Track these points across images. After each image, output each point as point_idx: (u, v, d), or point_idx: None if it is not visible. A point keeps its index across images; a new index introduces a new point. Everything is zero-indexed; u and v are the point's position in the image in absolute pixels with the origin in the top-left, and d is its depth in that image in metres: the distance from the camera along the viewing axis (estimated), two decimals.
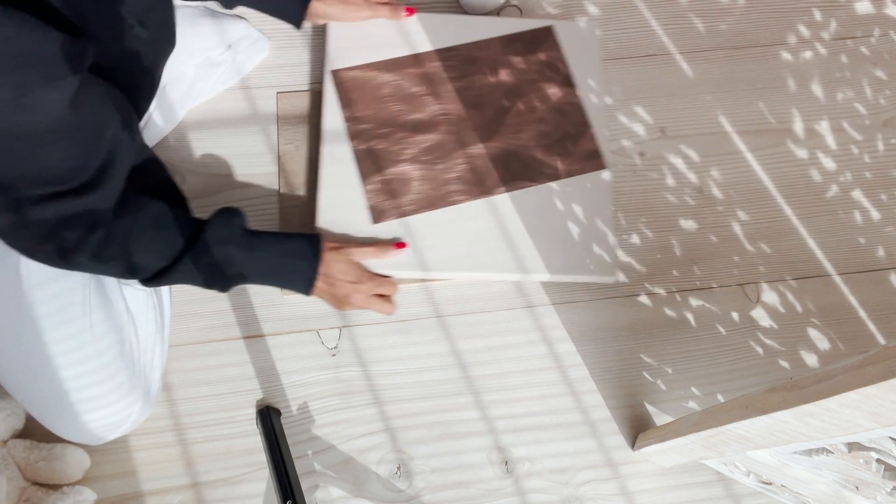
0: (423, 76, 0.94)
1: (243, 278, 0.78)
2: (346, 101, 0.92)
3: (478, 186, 0.89)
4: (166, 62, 0.79)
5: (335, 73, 0.94)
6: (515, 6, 1.07)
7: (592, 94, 0.96)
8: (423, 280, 0.89)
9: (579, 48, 0.98)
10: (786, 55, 1.05)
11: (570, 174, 0.91)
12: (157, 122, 0.93)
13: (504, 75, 0.95)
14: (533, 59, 0.96)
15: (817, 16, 1.08)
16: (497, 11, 1.06)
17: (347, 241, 0.85)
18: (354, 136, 0.90)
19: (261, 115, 0.98)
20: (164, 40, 0.73)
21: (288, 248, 0.79)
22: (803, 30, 1.07)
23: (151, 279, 0.73)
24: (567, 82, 0.96)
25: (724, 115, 1.01)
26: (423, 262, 0.86)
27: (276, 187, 0.93)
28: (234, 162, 0.95)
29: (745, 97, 1.02)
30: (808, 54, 1.05)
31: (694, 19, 1.08)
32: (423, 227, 0.87)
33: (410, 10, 0.96)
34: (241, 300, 0.88)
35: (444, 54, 0.95)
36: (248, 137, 0.96)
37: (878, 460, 0.51)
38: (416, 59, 0.95)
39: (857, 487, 0.57)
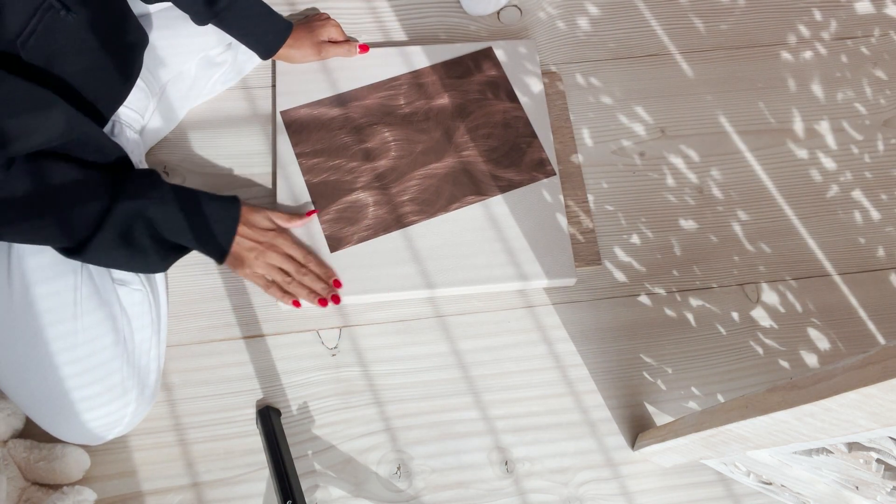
0: (371, 107, 0.96)
1: (155, 225, 0.76)
2: (296, 139, 0.94)
3: (431, 206, 0.91)
4: (136, 54, 0.79)
5: (284, 113, 0.96)
6: (515, 6, 1.07)
7: (536, 107, 0.97)
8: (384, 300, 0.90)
9: (520, 64, 1.00)
10: (786, 55, 1.05)
11: (520, 184, 0.92)
12: (157, 122, 0.93)
13: (449, 97, 0.97)
14: (476, 80, 0.99)
15: (817, 16, 1.08)
16: (497, 12, 1.07)
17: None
18: (306, 171, 0.92)
19: (261, 115, 0.98)
20: (106, 24, 0.72)
21: (207, 195, 0.80)
22: (803, 30, 1.07)
23: (75, 249, 0.72)
24: (511, 97, 0.98)
25: (724, 115, 1.01)
26: (382, 284, 0.87)
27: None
28: (233, 162, 0.95)
29: (745, 97, 1.02)
30: (808, 54, 1.05)
31: (694, 19, 1.08)
32: (380, 250, 0.88)
33: (364, 48, 0.99)
34: (241, 300, 0.88)
35: (390, 84, 0.98)
36: (247, 137, 0.96)
37: (878, 460, 0.51)
38: (363, 92, 0.97)
39: (857, 487, 0.57)
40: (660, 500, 0.82)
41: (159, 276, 0.83)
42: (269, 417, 0.81)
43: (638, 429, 0.85)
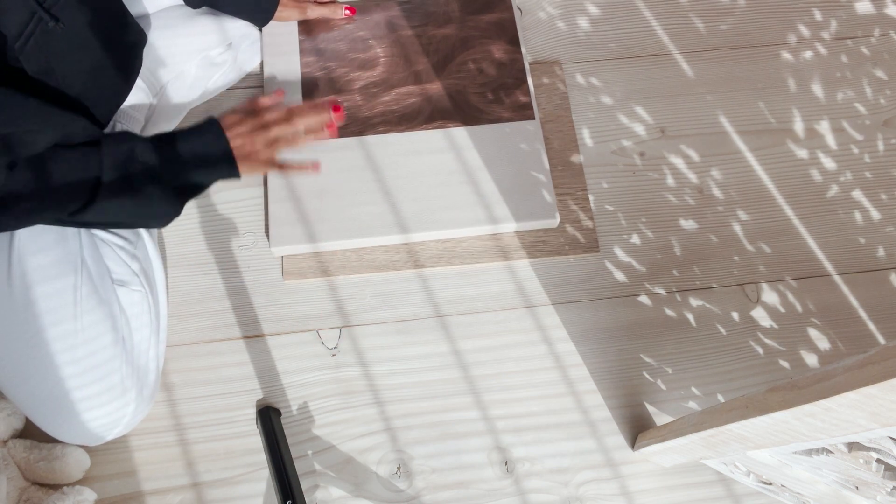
0: (380, 22, 1.01)
1: (159, 168, 0.71)
2: (304, 29, 1.01)
3: (411, 120, 0.95)
4: (135, 54, 0.79)
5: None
6: (516, 7, 1.07)
7: (533, 55, 1.03)
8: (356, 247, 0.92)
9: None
10: (786, 55, 1.05)
11: (499, 120, 0.96)
12: (157, 122, 0.93)
13: (455, 29, 1.02)
14: (485, 18, 1.03)
15: (817, 16, 1.08)
16: None
17: None
18: (303, 55, 0.99)
19: None
20: (101, 27, 0.72)
21: (180, 130, 0.75)
22: (803, 30, 1.07)
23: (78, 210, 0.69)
24: (513, 41, 1.01)
25: (724, 115, 1.01)
26: (361, 230, 0.89)
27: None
28: None
29: (745, 97, 1.02)
30: (808, 54, 1.05)
31: (694, 19, 1.08)
32: (361, 197, 0.91)
33: (351, 10, 1.01)
34: (241, 300, 0.88)
35: (405, 5, 1.03)
36: None
37: (878, 460, 0.51)
38: (377, 6, 1.03)
39: (857, 487, 0.57)
40: (660, 500, 0.82)
41: (159, 277, 0.83)
42: (269, 417, 0.81)
43: (638, 429, 0.85)
